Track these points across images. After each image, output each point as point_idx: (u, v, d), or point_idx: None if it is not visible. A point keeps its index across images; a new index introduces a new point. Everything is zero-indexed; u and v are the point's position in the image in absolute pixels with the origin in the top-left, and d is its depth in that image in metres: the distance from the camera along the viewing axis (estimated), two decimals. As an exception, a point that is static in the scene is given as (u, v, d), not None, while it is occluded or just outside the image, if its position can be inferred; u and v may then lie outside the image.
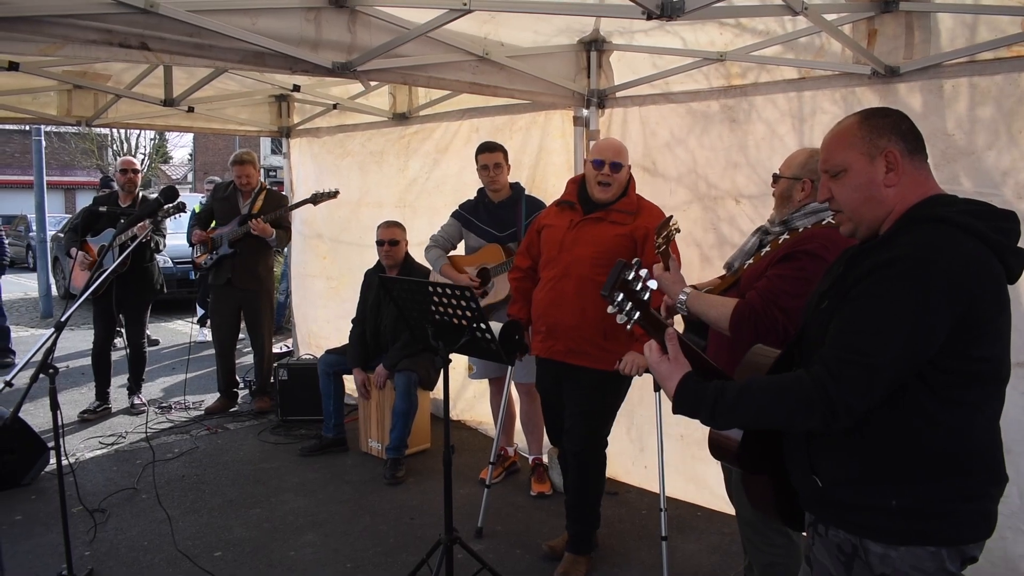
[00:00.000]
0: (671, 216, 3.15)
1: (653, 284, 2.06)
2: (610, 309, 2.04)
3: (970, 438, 1.82)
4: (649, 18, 2.97)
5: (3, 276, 9.26)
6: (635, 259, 2.06)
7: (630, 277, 2.02)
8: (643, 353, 3.73)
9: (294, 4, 3.70)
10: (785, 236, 2.95)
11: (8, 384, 3.26)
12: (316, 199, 6.51)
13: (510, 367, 4.79)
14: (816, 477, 1.94)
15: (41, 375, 3.39)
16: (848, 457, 1.88)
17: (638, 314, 2.05)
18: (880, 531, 1.84)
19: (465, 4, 3.48)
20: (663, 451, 4.15)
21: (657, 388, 4.07)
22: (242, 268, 6.67)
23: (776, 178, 3.03)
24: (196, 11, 3.35)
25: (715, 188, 4.54)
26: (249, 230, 6.48)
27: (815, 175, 2.84)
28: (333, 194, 6.52)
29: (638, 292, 2.03)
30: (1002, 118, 3.51)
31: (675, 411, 2.00)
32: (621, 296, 2.02)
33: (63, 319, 3.44)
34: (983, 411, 1.84)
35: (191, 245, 6.97)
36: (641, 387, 4.27)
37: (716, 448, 2.16)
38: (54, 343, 3.44)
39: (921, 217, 1.85)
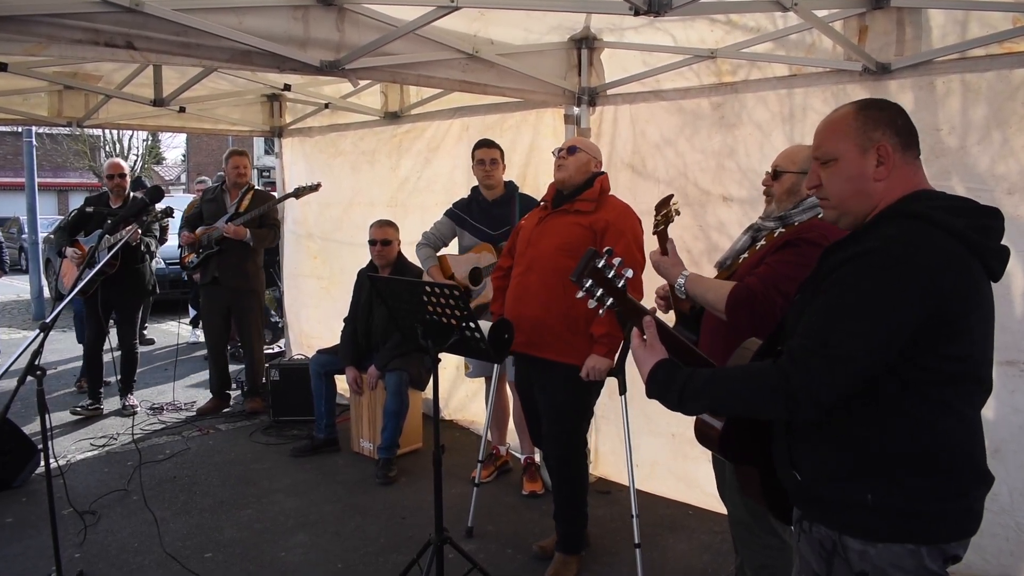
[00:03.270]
0: (671, 195, 3.12)
1: (629, 273, 2.10)
2: (579, 294, 2.10)
3: (947, 436, 1.81)
4: (637, 14, 2.95)
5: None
6: (606, 248, 2.11)
7: (600, 265, 2.06)
8: (604, 355, 3.74)
9: (281, 2, 3.69)
10: (781, 230, 2.93)
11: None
12: (298, 193, 6.52)
13: (496, 366, 4.79)
14: (796, 472, 1.94)
15: (29, 377, 3.36)
16: (826, 452, 1.88)
17: (611, 300, 2.10)
18: (859, 527, 1.84)
19: (453, 1, 3.46)
20: (631, 453, 4.11)
21: (623, 391, 4.06)
22: (228, 266, 6.65)
23: (778, 174, 2.98)
24: (182, 10, 3.33)
25: (706, 193, 4.52)
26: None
27: None
28: (315, 187, 6.54)
29: (611, 279, 2.08)
30: (993, 115, 3.50)
31: (648, 395, 2.03)
32: (590, 282, 2.07)
33: (48, 320, 3.41)
34: (960, 410, 1.83)
35: (180, 247, 6.94)
36: (633, 387, 4.25)
37: (700, 435, 2.18)
38: (41, 344, 3.41)
39: (898, 212, 1.85)
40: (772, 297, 2.69)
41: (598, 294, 2.09)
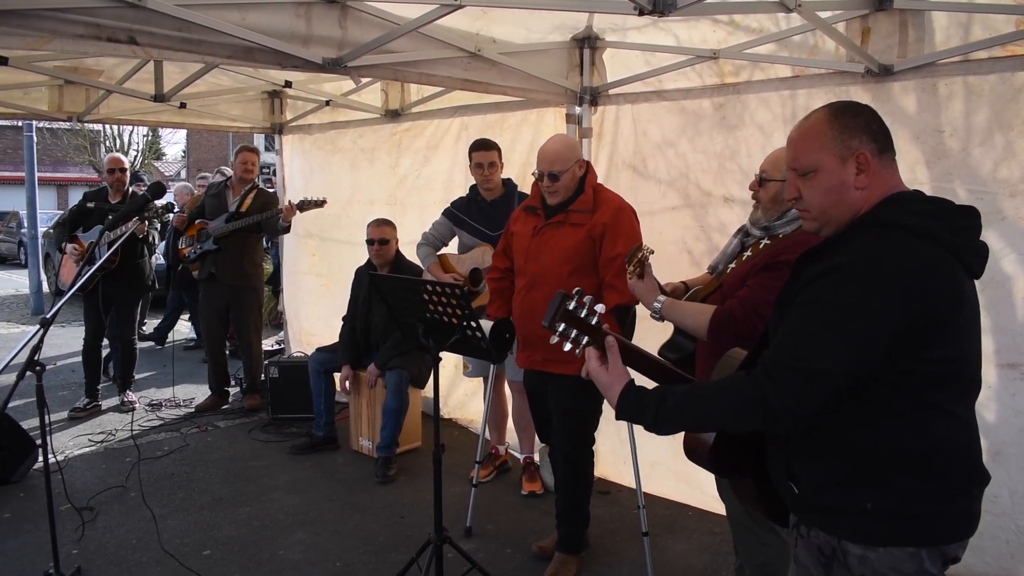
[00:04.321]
0: (640, 244, 3.09)
1: (600, 308, 2.07)
2: (553, 339, 2.06)
3: (942, 438, 1.80)
4: (641, 14, 2.94)
5: None
6: (576, 288, 2.07)
7: (571, 307, 2.03)
8: None
9: (284, -1, 3.68)
10: (766, 241, 2.93)
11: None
12: (303, 206, 6.39)
13: (493, 366, 4.78)
14: (792, 483, 1.92)
15: (28, 372, 3.36)
16: (821, 462, 1.87)
17: (586, 339, 2.07)
18: (858, 533, 1.83)
19: (457, -1, 3.46)
20: (635, 446, 4.10)
21: None
22: (226, 263, 6.64)
23: (764, 181, 2.97)
24: (185, 5, 3.33)
25: (707, 195, 4.51)
26: (234, 228, 6.50)
27: None
28: (320, 203, 6.40)
29: (584, 319, 2.05)
30: (995, 118, 3.50)
31: (618, 418, 2.01)
32: (564, 326, 2.04)
33: (49, 315, 3.40)
34: (953, 411, 1.82)
35: (171, 228, 6.94)
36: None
37: (689, 451, 2.15)
38: (41, 340, 3.41)
39: (870, 221, 1.83)
40: (752, 322, 2.71)
41: (573, 335, 2.05)
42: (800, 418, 1.75)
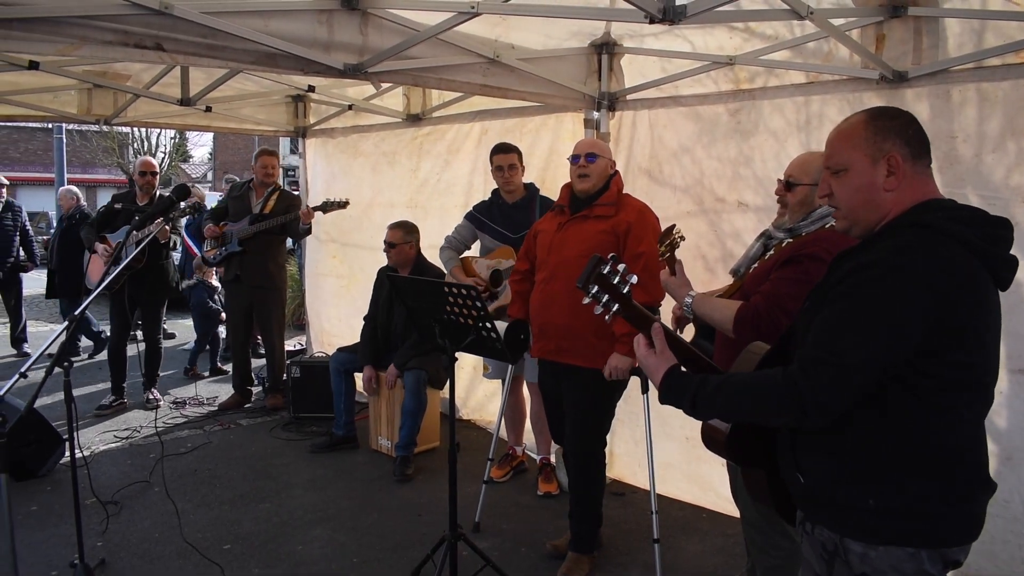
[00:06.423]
0: (673, 225, 3.18)
1: (634, 279, 2.14)
2: (585, 300, 2.14)
3: (950, 442, 1.83)
4: (652, 22, 3.00)
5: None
6: (611, 254, 2.14)
7: (605, 271, 2.10)
8: (626, 354, 3.76)
9: (306, 6, 3.76)
10: (789, 240, 2.97)
11: (23, 376, 3.30)
12: (325, 208, 6.45)
13: (510, 367, 4.84)
14: (800, 474, 1.96)
15: (56, 368, 3.44)
16: (829, 456, 1.90)
17: (616, 306, 2.14)
18: (860, 530, 1.86)
19: (474, 7, 3.52)
20: (652, 451, 4.12)
21: (645, 390, 4.10)
22: (250, 265, 6.74)
23: (791, 185, 3.00)
24: (210, 13, 3.41)
25: (722, 201, 4.54)
26: (258, 230, 6.58)
27: None
28: (343, 204, 6.46)
29: (616, 285, 2.12)
30: (1008, 124, 3.50)
31: (661, 401, 2.08)
32: (596, 288, 2.11)
33: (77, 313, 3.50)
34: (964, 416, 1.84)
35: (202, 240, 7.05)
36: (651, 387, 4.29)
37: (707, 439, 2.21)
38: (69, 336, 3.50)
39: (906, 222, 1.86)
40: (776, 316, 2.76)
41: (604, 300, 2.13)
42: (833, 413, 1.78)
